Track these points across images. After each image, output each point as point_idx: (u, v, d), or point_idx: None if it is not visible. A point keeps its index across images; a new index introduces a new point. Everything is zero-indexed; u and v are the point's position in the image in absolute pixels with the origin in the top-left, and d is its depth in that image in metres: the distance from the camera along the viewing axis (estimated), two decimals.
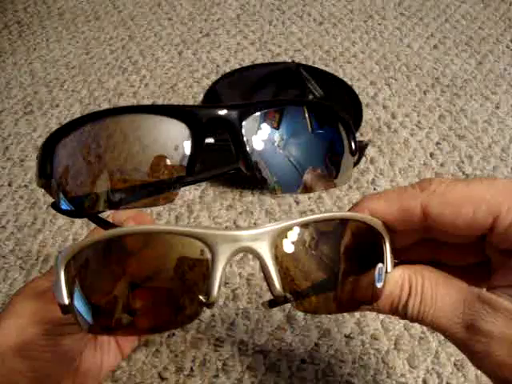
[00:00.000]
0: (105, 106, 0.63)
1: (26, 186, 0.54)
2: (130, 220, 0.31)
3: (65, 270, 0.20)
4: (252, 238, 0.21)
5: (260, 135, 0.24)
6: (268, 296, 0.45)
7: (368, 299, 0.23)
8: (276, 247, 0.21)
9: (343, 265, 0.23)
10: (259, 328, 0.42)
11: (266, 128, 0.24)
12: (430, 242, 0.25)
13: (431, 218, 0.22)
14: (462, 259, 0.25)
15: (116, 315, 0.21)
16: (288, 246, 0.22)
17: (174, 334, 0.42)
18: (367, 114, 0.61)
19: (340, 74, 0.66)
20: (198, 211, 0.51)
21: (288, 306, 0.43)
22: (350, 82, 0.64)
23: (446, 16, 0.79)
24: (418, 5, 0.82)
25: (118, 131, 0.22)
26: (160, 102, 0.64)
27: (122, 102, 0.64)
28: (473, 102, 0.64)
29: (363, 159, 0.55)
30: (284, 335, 0.42)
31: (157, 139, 0.22)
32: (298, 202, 0.52)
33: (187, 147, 0.23)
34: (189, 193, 0.53)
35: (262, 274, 0.47)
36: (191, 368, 0.40)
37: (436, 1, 0.83)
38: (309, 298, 0.23)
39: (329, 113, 0.26)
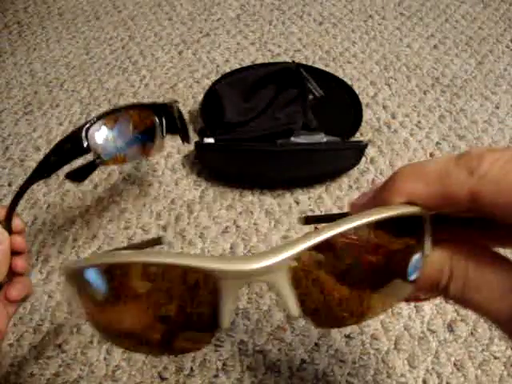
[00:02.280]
0: (105, 106, 0.63)
1: None
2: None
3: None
4: (266, 272, 0.17)
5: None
6: (268, 296, 0.45)
7: (402, 298, 0.21)
8: (293, 273, 0.18)
9: (372, 271, 0.20)
10: (259, 328, 0.42)
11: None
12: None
13: (481, 206, 0.19)
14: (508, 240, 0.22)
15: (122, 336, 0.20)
16: (307, 269, 0.19)
17: None
18: (367, 114, 0.61)
19: (340, 74, 0.66)
20: (198, 211, 0.51)
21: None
22: (349, 82, 0.64)
23: (446, 16, 0.79)
24: (417, 5, 0.82)
25: None
26: (160, 101, 0.64)
27: (122, 102, 0.64)
28: (473, 102, 0.64)
29: (363, 159, 0.55)
30: (284, 335, 0.42)
31: None
32: (298, 202, 0.52)
33: None
34: (189, 192, 0.53)
35: None
36: (191, 368, 0.40)
37: (436, 1, 0.83)
38: (331, 315, 0.21)
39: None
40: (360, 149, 0.53)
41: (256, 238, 0.48)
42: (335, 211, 0.51)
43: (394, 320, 0.43)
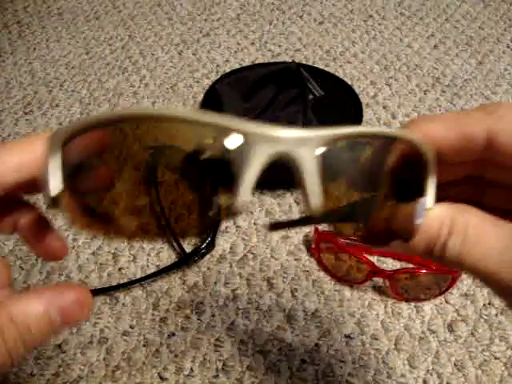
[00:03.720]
0: (105, 106, 0.63)
1: None
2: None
3: (62, 153, 0.17)
4: (296, 143, 0.17)
5: None
6: (268, 297, 0.45)
7: (403, 235, 0.21)
8: (318, 158, 0.18)
9: (382, 190, 0.20)
10: (259, 328, 0.42)
11: None
12: (474, 180, 0.22)
13: (496, 148, 0.19)
14: (509, 202, 0.22)
15: (116, 214, 0.19)
16: (330, 159, 0.19)
17: (173, 334, 0.42)
18: (367, 114, 0.61)
19: (340, 74, 0.66)
20: None
21: (288, 306, 0.43)
22: (350, 82, 0.64)
23: (446, 16, 0.79)
24: (418, 5, 0.82)
25: None
26: (160, 101, 0.64)
27: (122, 102, 0.64)
28: (473, 102, 0.64)
29: None
30: (284, 335, 0.42)
31: None
32: (298, 202, 0.52)
33: None
34: None
35: (262, 274, 0.47)
36: (191, 368, 0.40)
37: (436, 1, 0.83)
38: (339, 220, 0.20)
39: None
40: None
41: (256, 238, 0.48)
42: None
43: (395, 320, 0.43)
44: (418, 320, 0.43)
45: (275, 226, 0.24)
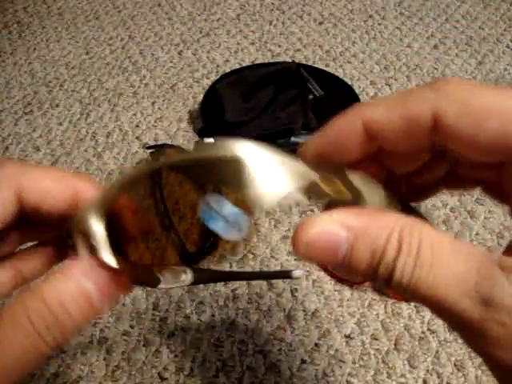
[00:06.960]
0: (105, 106, 0.63)
1: None
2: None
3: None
4: None
5: None
6: (268, 297, 0.45)
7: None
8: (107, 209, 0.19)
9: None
10: (259, 328, 0.42)
11: None
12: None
13: (443, 130, 0.16)
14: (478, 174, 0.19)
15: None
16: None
17: (173, 334, 0.42)
18: None
19: (340, 74, 0.66)
20: None
21: (288, 306, 0.43)
22: (350, 82, 0.64)
23: (446, 16, 0.79)
24: (418, 5, 0.82)
25: None
26: (160, 101, 0.64)
27: (122, 102, 0.64)
28: None
29: None
30: (284, 335, 0.42)
31: None
32: (297, 203, 0.52)
33: None
34: None
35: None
36: (191, 368, 0.40)
37: (436, 1, 0.83)
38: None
39: None
40: None
41: (256, 238, 0.48)
42: None
43: (395, 320, 0.43)
44: (417, 320, 0.43)
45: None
